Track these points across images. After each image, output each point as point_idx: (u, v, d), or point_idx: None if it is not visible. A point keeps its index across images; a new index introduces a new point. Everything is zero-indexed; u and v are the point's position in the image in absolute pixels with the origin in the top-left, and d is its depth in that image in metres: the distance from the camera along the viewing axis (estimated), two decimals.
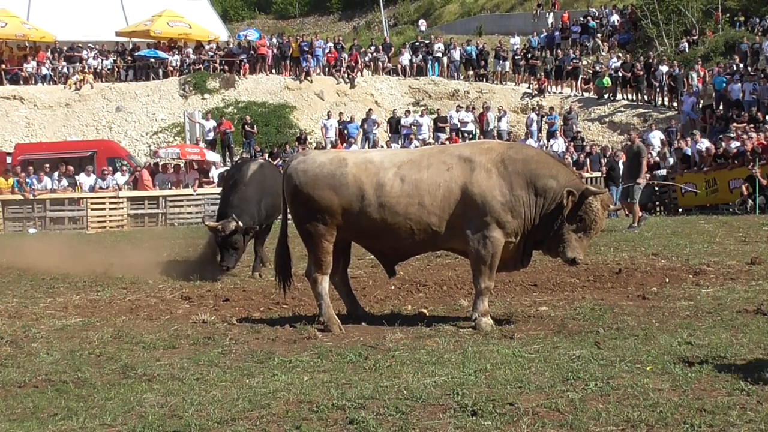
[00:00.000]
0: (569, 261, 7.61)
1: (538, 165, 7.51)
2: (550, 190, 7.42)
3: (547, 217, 7.47)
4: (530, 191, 7.41)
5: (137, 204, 23.21)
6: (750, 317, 7.08)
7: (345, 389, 5.26)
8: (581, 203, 7.39)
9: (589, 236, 7.64)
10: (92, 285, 11.00)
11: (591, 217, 7.45)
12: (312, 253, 7.92)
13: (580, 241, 7.54)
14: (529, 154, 7.72)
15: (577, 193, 7.37)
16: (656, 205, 22.02)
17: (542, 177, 7.43)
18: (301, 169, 7.90)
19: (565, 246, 7.50)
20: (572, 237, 7.49)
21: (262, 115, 32.58)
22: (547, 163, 7.62)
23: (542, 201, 7.44)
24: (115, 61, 35.30)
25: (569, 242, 7.49)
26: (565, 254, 7.54)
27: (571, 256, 7.52)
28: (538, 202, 7.44)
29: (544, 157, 7.80)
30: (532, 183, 7.42)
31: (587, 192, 7.44)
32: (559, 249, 7.56)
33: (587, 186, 7.63)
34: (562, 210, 7.37)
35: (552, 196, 7.42)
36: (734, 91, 26.50)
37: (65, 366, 6.46)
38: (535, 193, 7.42)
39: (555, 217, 7.44)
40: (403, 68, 35.43)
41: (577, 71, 33.22)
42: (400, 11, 59.06)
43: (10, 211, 22.50)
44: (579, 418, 4.42)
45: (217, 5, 55.87)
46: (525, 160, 7.53)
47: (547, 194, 7.42)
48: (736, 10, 35.63)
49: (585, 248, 7.78)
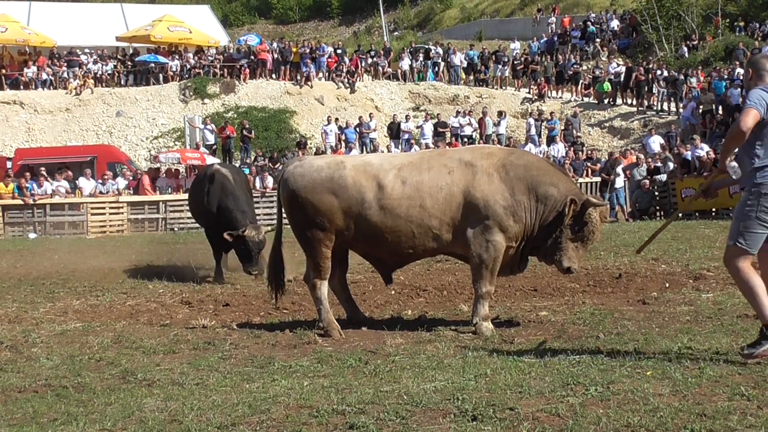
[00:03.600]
0: (565, 270, 7.65)
1: (539, 172, 7.53)
2: (550, 197, 7.43)
3: (546, 224, 7.48)
4: (531, 197, 7.43)
5: (137, 209, 23.24)
6: (750, 322, 7.07)
7: (345, 394, 5.25)
8: (582, 213, 7.43)
9: (585, 246, 7.69)
10: (92, 290, 11.02)
11: (590, 227, 7.50)
12: (310, 258, 7.89)
13: (576, 250, 7.58)
14: (530, 161, 7.74)
15: (579, 202, 7.40)
16: (656, 210, 22.04)
17: (543, 184, 7.45)
18: (298, 173, 7.85)
19: (562, 255, 7.53)
20: (569, 246, 7.52)
21: (262, 120, 32.61)
22: (547, 170, 7.63)
23: (542, 208, 7.45)
24: (115, 66, 35.34)
25: (566, 251, 7.52)
26: (561, 263, 7.57)
27: (566, 265, 7.55)
28: (539, 208, 7.45)
29: (544, 164, 7.82)
30: (533, 189, 7.43)
31: (588, 203, 7.47)
32: (555, 257, 7.58)
33: (588, 197, 7.65)
34: (562, 218, 7.40)
35: (552, 203, 7.43)
36: (734, 96, 26.53)
37: (65, 371, 6.46)
38: (536, 199, 7.44)
39: (554, 225, 7.46)
40: (403, 73, 35.48)
41: (577, 76, 33.26)
42: (400, 16, 59.21)
43: (9, 215, 22.51)
44: (579, 423, 4.42)
45: (218, 10, 56.02)
46: (526, 166, 7.54)
47: (548, 201, 7.43)
48: (735, 15, 35.68)
49: (581, 258, 7.83)
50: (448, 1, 57.07)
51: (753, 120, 5.37)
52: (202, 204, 12.18)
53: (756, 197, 5.50)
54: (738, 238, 5.55)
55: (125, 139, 32.33)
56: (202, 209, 12.27)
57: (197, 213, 12.89)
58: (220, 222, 11.82)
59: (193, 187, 13.19)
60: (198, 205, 12.49)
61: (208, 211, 12.09)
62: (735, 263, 5.57)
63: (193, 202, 13.01)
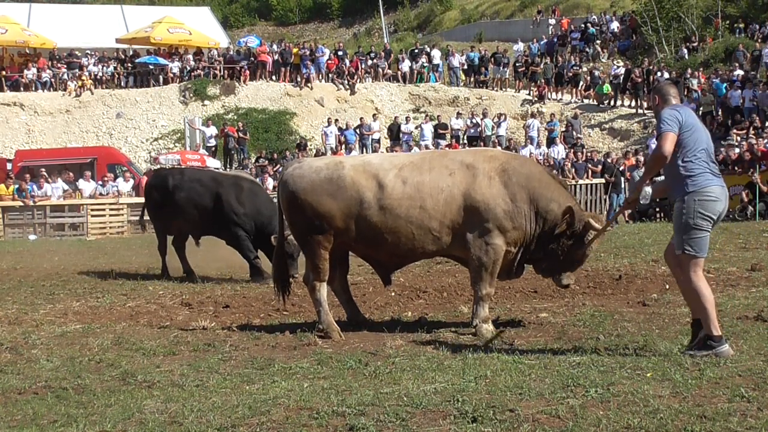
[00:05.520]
0: (564, 287, 7.99)
1: (540, 184, 7.53)
2: (551, 212, 7.47)
3: (545, 238, 7.54)
4: (531, 208, 7.45)
5: (137, 210, 23.19)
6: (750, 324, 7.07)
7: (345, 396, 5.25)
8: (582, 235, 7.52)
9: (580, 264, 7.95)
10: (92, 291, 11.01)
11: (585, 251, 7.66)
12: (310, 259, 7.88)
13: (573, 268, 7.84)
14: (533, 171, 7.73)
15: (580, 224, 7.48)
16: (656, 212, 22.02)
17: (545, 198, 7.48)
18: (297, 174, 7.83)
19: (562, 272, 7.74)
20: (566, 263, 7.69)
21: (262, 122, 32.63)
22: (549, 184, 7.63)
23: (542, 222, 7.50)
24: (115, 68, 35.35)
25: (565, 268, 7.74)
26: (560, 280, 7.81)
27: (566, 282, 7.84)
28: (539, 221, 7.49)
29: (546, 176, 7.79)
30: (534, 201, 7.45)
31: (588, 225, 7.53)
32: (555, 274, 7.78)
33: (589, 219, 7.65)
34: (560, 234, 7.47)
35: (553, 219, 7.47)
36: (734, 97, 26.55)
37: (65, 372, 6.46)
38: (536, 212, 7.47)
39: (553, 240, 7.53)
40: (403, 74, 35.49)
41: (577, 78, 33.27)
42: (401, 18, 59.19)
43: (9, 217, 22.51)
44: (579, 425, 4.42)
45: (218, 12, 56.03)
46: (528, 176, 7.55)
47: (549, 216, 7.48)
48: (735, 16, 35.69)
49: (575, 275, 8.11)
50: (448, 3, 57.08)
51: (671, 143, 5.81)
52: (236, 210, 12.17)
53: (689, 204, 5.84)
54: (685, 247, 5.87)
55: (125, 140, 32.33)
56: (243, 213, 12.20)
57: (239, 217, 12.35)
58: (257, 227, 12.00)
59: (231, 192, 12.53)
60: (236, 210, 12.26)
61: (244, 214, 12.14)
62: (689, 272, 5.89)
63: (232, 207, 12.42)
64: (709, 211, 5.84)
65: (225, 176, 13.45)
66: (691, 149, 5.87)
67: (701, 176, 5.85)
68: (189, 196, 12.52)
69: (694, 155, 5.87)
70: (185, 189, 12.56)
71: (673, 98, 6.15)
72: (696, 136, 5.89)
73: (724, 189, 5.96)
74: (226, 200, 12.22)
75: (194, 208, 12.48)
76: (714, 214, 5.86)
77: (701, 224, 5.84)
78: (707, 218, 5.84)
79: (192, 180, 12.74)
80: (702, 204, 5.83)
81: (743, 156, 20.58)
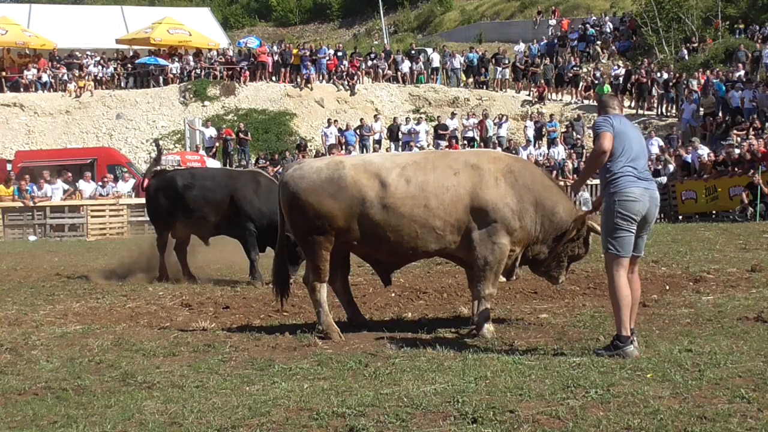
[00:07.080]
0: (557, 283, 8.13)
1: (544, 187, 7.61)
2: (557, 215, 7.53)
3: (548, 240, 7.60)
4: (537, 210, 7.49)
5: (137, 211, 23.21)
6: (750, 324, 7.08)
7: (345, 397, 5.25)
8: (588, 236, 7.67)
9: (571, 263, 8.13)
10: (92, 292, 11.00)
11: (583, 251, 7.87)
12: (310, 260, 7.86)
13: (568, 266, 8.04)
14: (536, 174, 7.81)
15: (586, 227, 7.60)
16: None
17: (550, 201, 7.54)
18: (297, 175, 7.81)
19: (561, 272, 7.89)
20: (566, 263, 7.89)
21: (262, 123, 32.64)
22: (551, 187, 7.72)
23: (548, 224, 7.55)
24: (115, 69, 35.36)
25: (564, 269, 7.92)
26: (557, 279, 7.97)
27: (561, 280, 8.01)
28: (544, 223, 7.54)
29: (548, 180, 7.89)
30: (540, 203, 7.50)
31: (591, 228, 7.64)
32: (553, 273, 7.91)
33: (591, 222, 7.71)
34: (563, 237, 7.54)
35: (558, 222, 7.54)
36: (734, 98, 26.55)
37: (65, 373, 6.45)
38: (542, 214, 7.51)
39: (554, 242, 7.61)
40: (403, 75, 35.50)
41: (577, 79, 33.28)
42: (401, 19, 59.23)
43: (9, 218, 22.51)
44: (579, 426, 4.42)
45: (218, 13, 56.07)
46: (533, 178, 7.62)
47: (554, 218, 7.54)
48: (736, 17, 35.73)
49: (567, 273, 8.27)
50: (448, 4, 57.10)
51: (609, 141, 6.13)
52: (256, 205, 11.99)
53: (610, 205, 6.17)
54: (608, 246, 6.18)
55: (125, 141, 32.34)
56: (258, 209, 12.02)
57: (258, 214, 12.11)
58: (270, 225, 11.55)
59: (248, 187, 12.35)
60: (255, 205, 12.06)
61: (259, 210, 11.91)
62: (611, 271, 6.20)
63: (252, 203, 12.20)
64: (629, 211, 6.09)
65: (241, 172, 13.28)
66: (617, 155, 6.16)
67: (623, 178, 6.13)
68: (202, 194, 12.25)
69: (618, 159, 6.16)
70: (197, 187, 12.33)
71: (612, 109, 6.45)
72: (624, 143, 6.19)
73: (648, 191, 6.21)
74: (242, 195, 12.07)
75: (207, 206, 12.22)
76: (634, 214, 6.11)
77: (621, 224, 6.11)
78: (627, 218, 6.11)
79: (204, 178, 12.56)
80: (622, 204, 6.10)
81: (743, 157, 20.59)
